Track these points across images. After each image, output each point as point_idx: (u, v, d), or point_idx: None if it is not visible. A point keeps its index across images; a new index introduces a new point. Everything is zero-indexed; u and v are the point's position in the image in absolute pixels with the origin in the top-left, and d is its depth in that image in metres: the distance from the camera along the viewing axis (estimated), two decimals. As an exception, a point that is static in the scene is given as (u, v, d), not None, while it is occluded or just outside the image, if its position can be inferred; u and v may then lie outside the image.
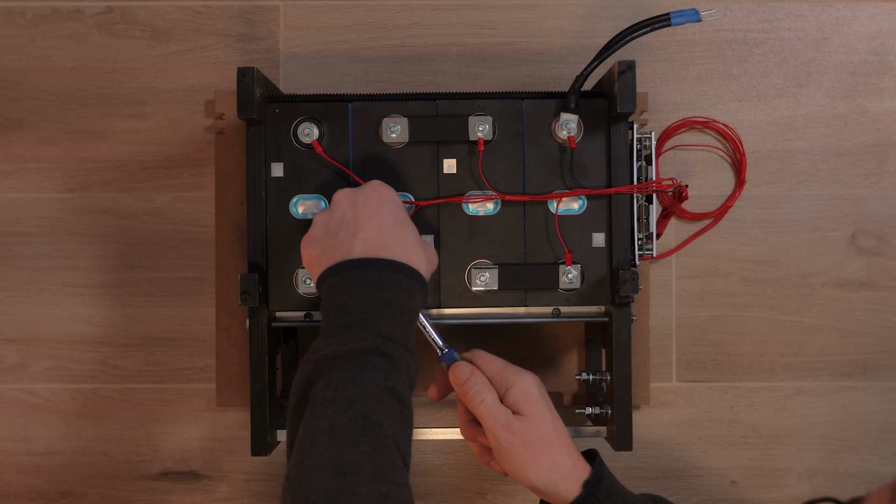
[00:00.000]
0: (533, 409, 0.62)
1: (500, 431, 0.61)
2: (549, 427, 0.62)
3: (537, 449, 0.61)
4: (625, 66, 0.65)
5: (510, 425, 0.61)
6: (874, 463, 0.81)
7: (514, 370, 0.63)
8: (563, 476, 0.61)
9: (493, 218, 0.69)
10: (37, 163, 0.81)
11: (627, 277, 0.66)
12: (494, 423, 0.61)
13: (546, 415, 0.62)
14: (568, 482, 0.61)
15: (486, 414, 0.61)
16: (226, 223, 0.79)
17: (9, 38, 0.81)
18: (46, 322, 0.81)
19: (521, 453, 0.61)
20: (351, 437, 0.52)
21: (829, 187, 0.81)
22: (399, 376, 0.55)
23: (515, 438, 0.61)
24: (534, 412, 0.62)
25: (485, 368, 0.64)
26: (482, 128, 0.68)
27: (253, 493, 0.82)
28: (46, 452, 0.82)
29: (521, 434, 0.61)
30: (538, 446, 0.61)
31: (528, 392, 0.62)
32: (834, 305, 0.81)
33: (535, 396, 0.62)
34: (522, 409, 0.62)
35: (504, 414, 0.61)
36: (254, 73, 0.66)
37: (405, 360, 0.56)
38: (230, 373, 0.79)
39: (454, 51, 0.81)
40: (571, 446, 0.63)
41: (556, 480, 0.61)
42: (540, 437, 0.61)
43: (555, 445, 0.61)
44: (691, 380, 0.81)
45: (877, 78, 0.81)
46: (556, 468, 0.61)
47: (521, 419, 0.61)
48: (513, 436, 0.61)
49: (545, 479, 0.61)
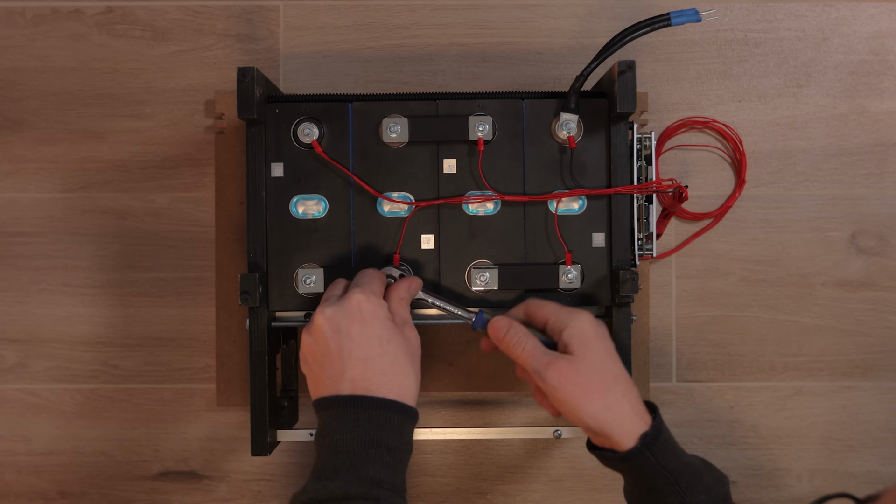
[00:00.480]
0: (585, 349, 0.61)
1: (544, 371, 0.60)
2: (602, 366, 0.61)
3: (588, 387, 0.60)
4: (625, 66, 0.65)
5: (555, 364, 0.60)
6: (874, 463, 0.81)
7: (568, 311, 0.63)
8: (617, 419, 0.60)
9: (493, 218, 0.69)
10: (37, 163, 0.81)
11: (627, 277, 0.66)
12: (538, 364, 0.60)
13: (600, 354, 0.61)
14: (623, 426, 0.60)
15: (528, 359, 0.61)
16: (226, 223, 0.79)
17: (9, 38, 0.81)
18: (46, 322, 0.81)
19: (571, 392, 0.60)
20: None
21: (829, 187, 0.81)
22: None
23: (563, 377, 0.60)
24: (586, 351, 0.61)
25: (538, 313, 0.64)
26: (482, 128, 0.68)
27: (253, 494, 0.82)
28: (46, 452, 0.82)
29: (568, 373, 0.60)
30: (590, 385, 0.60)
31: (581, 332, 0.61)
32: (834, 305, 0.81)
33: (589, 336, 0.61)
34: (574, 348, 0.61)
35: (547, 355, 0.61)
36: (254, 73, 0.66)
37: (392, 503, 0.56)
38: (230, 373, 0.79)
39: (454, 51, 0.81)
40: (630, 390, 0.61)
41: (609, 422, 0.60)
42: (591, 376, 0.60)
43: (610, 385, 0.60)
44: (691, 380, 0.81)
45: (877, 78, 0.81)
46: (610, 409, 0.60)
47: (571, 358, 0.60)
48: (559, 375, 0.60)
49: (597, 419, 0.60)
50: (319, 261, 0.69)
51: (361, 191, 0.69)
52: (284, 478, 0.82)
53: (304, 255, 0.69)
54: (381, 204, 0.69)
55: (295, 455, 0.82)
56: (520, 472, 0.82)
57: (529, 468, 0.82)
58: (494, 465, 0.82)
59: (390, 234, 0.69)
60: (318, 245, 0.69)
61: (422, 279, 0.67)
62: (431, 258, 0.69)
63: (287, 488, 0.82)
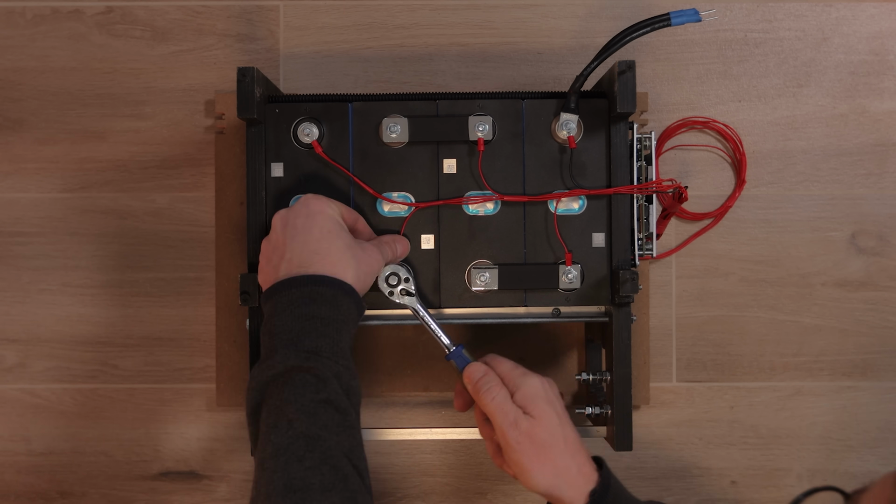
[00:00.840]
0: (540, 411, 0.62)
1: (508, 429, 0.61)
2: (556, 430, 0.62)
3: (542, 452, 0.61)
4: (625, 66, 0.65)
5: (519, 423, 0.61)
6: (874, 463, 0.81)
7: (522, 372, 0.64)
8: (567, 482, 0.61)
9: (493, 218, 0.69)
10: (37, 163, 0.81)
11: (627, 277, 0.66)
12: (504, 420, 0.61)
13: (553, 418, 0.62)
14: (572, 489, 0.61)
15: (496, 411, 0.62)
16: (226, 223, 0.79)
17: (9, 38, 0.81)
18: (46, 322, 0.81)
19: (527, 453, 0.61)
20: (295, 455, 0.53)
21: (829, 187, 0.81)
22: (330, 386, 0.56)
23: (523, 437, 0.61)
24: (541, 413, 0.62)
25: (496, 370, 0.64)
26: (482, 128, 0.68)
27: (253, 493, 0.82)
28: (46, 452, 0.82)
29: (528, 433, 0.61)
30: (543, 449, 0.61)
31: (535, 394, 0.62)
32: (834, 305, 0.81)
33: (542, 398, 0.62)
34: (530, 410, 0.62)
35: (514, 412, 0.62)
36: (254, 73, 0.66)
37: (333, 370, 0.57)
38: (230, 373, 0.79)
39: (454, 51, 0.81)
40: (579, 452, 0.62)
41: (559, 486, 0.61)
42: (546, 439, 0.61)
43: (560, 449, 0.62)
44: (691, 380, 0.81)
45: (877, 78, 0.81)
46: (559, 474, 0.61)
47: (532, 421, 0.62)
48: (520, 434, 0.61)
49: (548, 484, 0.61)
50: (319, 261, 0.69)
51: (361, 191, 0.69)
52: (284, 478, 0.82)
53: (304, 255, 0.69)
54: (381, 204, 0.69)
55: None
56: (520, 472, 0.82)
57: (529, 468, 0.82)
58: (494, 465, 0.82)
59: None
60: (318, 245, 0.69)
61: (412, 266, 0.68)
62: (431, 258, 0.69)
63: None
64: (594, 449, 0.82)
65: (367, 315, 0.70)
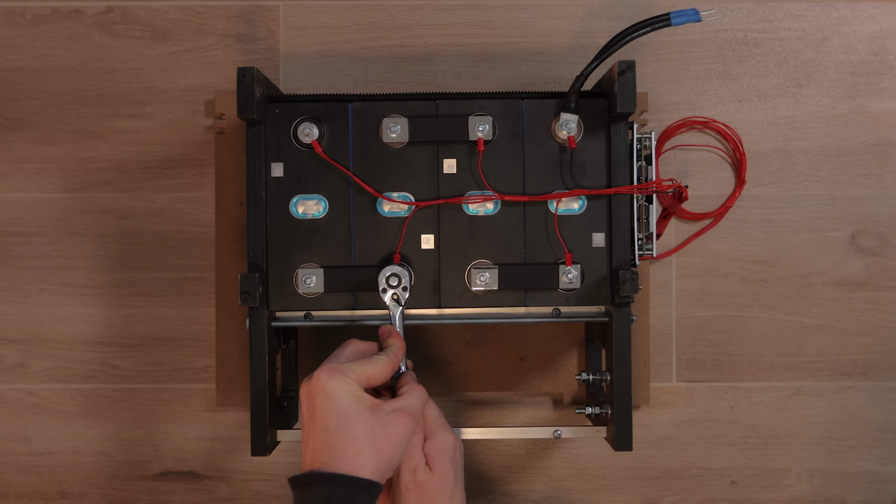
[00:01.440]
0: (441, 467, 0.62)
1: (405, 472, 0.62)
2: (447, 490, 0.62)
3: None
4: (625, 66, 0.65)
5: (416, 471, 0.62)
6: (874, 463, 0.81)
7: (441, 425, 0.64)
8: None
9: (493, 218, 0.69)
10: (37, 163, 0.81)
11: (627, 277, 0.66)
12: (407, 461, 0.62)
13: (450, 478, 0.62)
14: None
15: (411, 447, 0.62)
16: (226, 223, 0.79)
17: (9, 38, 0.81)
18: (46, 322, 0.81)
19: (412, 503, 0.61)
20: None
21: (829, 187, 0.81)
22: None
23: (414, 486, 0.61)
24: (441, 470, 0.62)
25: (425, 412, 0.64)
26: (482, 128, 0.68)
27: (253, 494, 0.82)
28: (46, 452, 0.82)
29: (421, 484, 0.61)
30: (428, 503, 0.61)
31: (444, 450, 0.62)
32: (834, 305, 0.81)
33: (448, 456, 0.62)
34: (433, 462, 0.62)
35: (418, 458, 0.62)
36: (254, 73, 0.66)
37: None
38: (230, 373, 0.79)
39: (454, 51, 0.81)
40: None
41: None
42: (435, 495, 0.61)
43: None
44: (691, 380, 0.81)
45: (877, 78, 0.81)
46: None
47: (428, 472, 0.62)
48: (413, 483, 0.61)
49: None
50: (319, 261, 0.69)
51: (361, 191, 0.69)
52: (284, 478, 0.82)
53: (304, 255, 0.69)
54: (381, 204, 0.69)
55: (295, 455, 0.81)
56: (520, 472, 0.82)
57: (529, 468, 0.82)
58: (494, 465, 0.82)
59: (390, 234, 0.69)
60: (318, 245, 0.69)
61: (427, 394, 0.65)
62: (431, 258, 0.69)
63: (287, 488, 0.82)
64: (594, 448, 0.82)
65: (364, 315, 0.70)
